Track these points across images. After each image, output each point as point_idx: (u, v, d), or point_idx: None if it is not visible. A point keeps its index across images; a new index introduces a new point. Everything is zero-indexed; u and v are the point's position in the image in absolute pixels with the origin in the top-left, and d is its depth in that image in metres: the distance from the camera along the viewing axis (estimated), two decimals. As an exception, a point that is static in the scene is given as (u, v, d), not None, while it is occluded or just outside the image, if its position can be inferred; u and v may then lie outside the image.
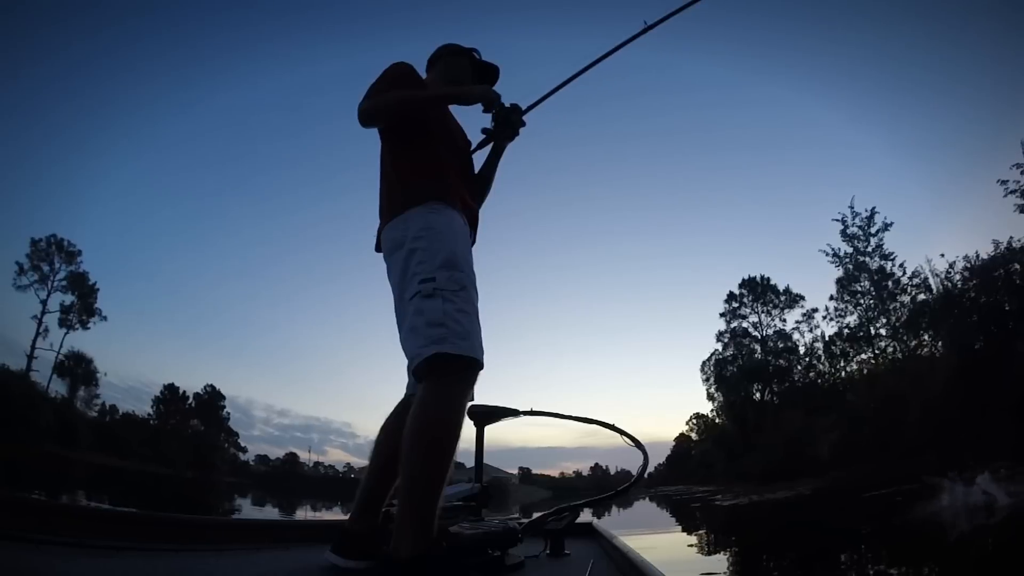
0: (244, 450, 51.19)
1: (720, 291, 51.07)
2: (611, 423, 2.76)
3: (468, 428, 2.50)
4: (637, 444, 2.69)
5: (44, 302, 31.24)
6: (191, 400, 44.50)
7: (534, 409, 2.67)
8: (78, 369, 32.07)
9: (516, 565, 1.71)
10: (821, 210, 51.10)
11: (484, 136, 1.87)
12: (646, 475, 2.87)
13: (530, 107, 1.91)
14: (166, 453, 34.95)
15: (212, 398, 45.46)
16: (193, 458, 38.13)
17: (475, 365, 1.38)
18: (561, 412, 2.82)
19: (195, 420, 44.11)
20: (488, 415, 2.53)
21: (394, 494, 1.54)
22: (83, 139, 59.90)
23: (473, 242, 1.67)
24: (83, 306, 32.33)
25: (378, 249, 1.67)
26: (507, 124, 1.81)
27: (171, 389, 43.29)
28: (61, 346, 31.62)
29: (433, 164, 1.61)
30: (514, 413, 2.57)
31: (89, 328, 32.85)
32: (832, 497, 16.29)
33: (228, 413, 47.53)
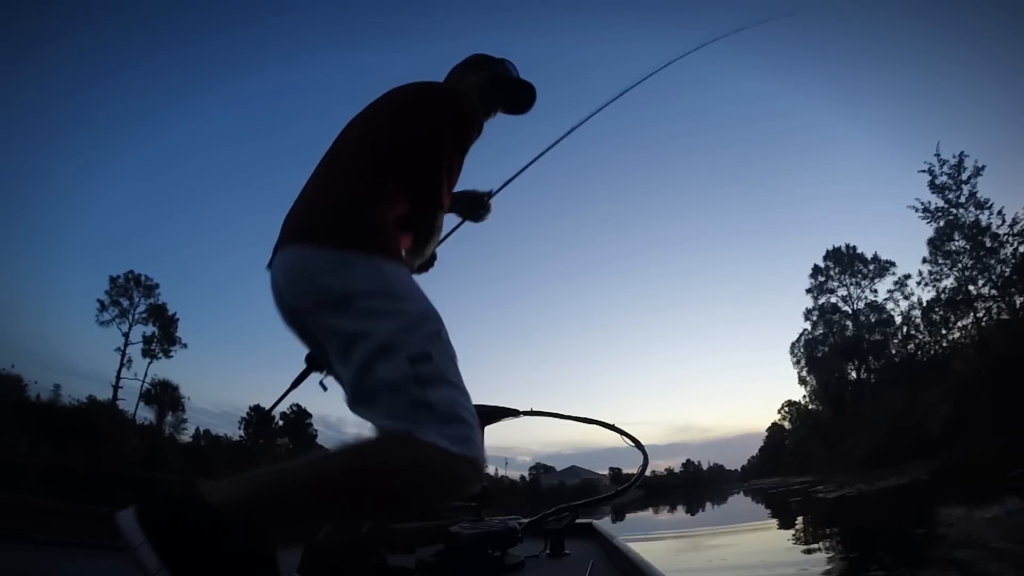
0: (335, 466, 53.64)
1: (803, 267, 48.15)
2: (611, 423, 2.73)
3: None
4: (637, 444, 2.65)
5: (126, 335, 33.54)
6: (278, 420, 47.07)
7: (534, 409, 2.66)
8: (164, 396, 34.08)
9: (516, 565, 1.71)
10: (905, 165, 46.87)
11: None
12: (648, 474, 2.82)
13: (499, 189, 1.72)
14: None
15: (299, 417, 47.91)
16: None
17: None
18: (560, 412, 2.82)
19: (284, 439, 46.62)
20: (488, 415, 2.54)
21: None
22: (147, 172, 64.76)
23: None
24: (164, 335, 34.51)
25: (273, 269, 1.19)
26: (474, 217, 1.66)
27: (257, 410, 45.91)
28: (146, 375, 33.71)
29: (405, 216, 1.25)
30: (514, 413, 2.56)
31: (172, 356, 34.91)
32: (961, 479, 14.44)
33: (316, 431, 49.85)
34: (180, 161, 67.23)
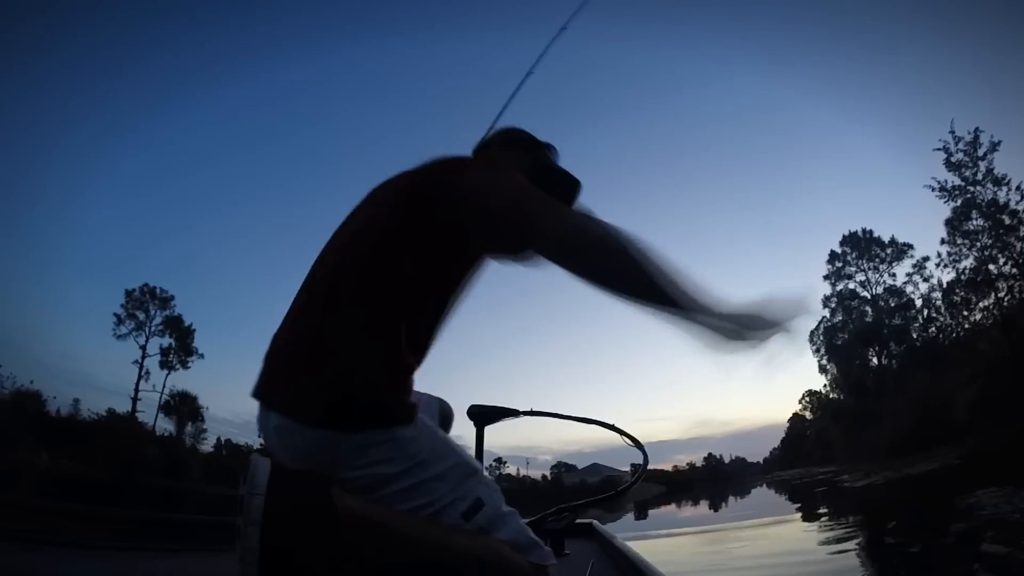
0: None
1: (818, 254, 47.55)
2: (610, 423, 2.69)
3: (468, 428, 2.53)
4: (637, 444, 2.59)
5: (143, 347, 33.92)
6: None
7: (534, 409, 2.63)
8: (183, 407, 34.40)
9: None
10: (917, 145, 46.03)
11: None
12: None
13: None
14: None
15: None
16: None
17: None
18: (560, 412, 2.79)
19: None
20: (488, 415, 2.51)
21: None
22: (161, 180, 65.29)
23: None
24: (181, 346, 34.78)
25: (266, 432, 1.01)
26: None
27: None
28: (164, 386, 34.00)
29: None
30: (514, 413, 2.55)
31: (189, 367, 35.18)
32: (994, 463, 13.62)
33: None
34: (185, 167, 66.87)
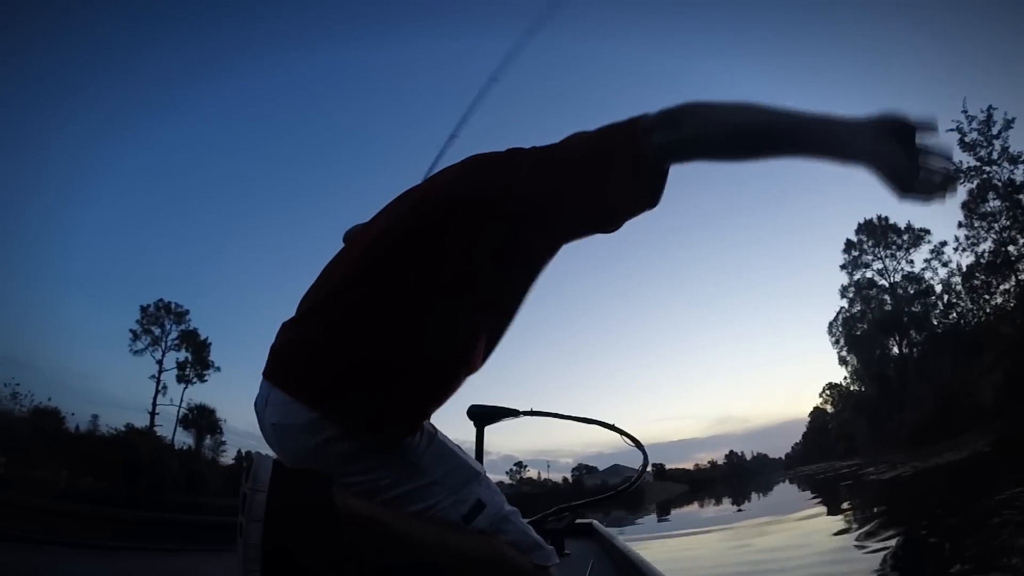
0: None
1: (833, 243, 46.84)
2: (610, 423, 2.67)
3: (468, 428, 2.53)
4: (637, 444, 2.60)
5: (160, 362, 34.39)
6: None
7: (533, 409, 2.62)
8: (201, 420, 34.73)
9: None
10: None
11: None
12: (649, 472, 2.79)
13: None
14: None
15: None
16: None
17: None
18: (560, 412, 2.76)
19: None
20: (488, 415, 2.48)
21: None
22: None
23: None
24: (197, 360, 35.21)
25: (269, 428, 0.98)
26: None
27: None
28: (182, 400, 34.46)
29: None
30: (514, 413, 2.56)
31: (206, 380, 35.61)
32: None
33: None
34: (190, 166, 65.89)
